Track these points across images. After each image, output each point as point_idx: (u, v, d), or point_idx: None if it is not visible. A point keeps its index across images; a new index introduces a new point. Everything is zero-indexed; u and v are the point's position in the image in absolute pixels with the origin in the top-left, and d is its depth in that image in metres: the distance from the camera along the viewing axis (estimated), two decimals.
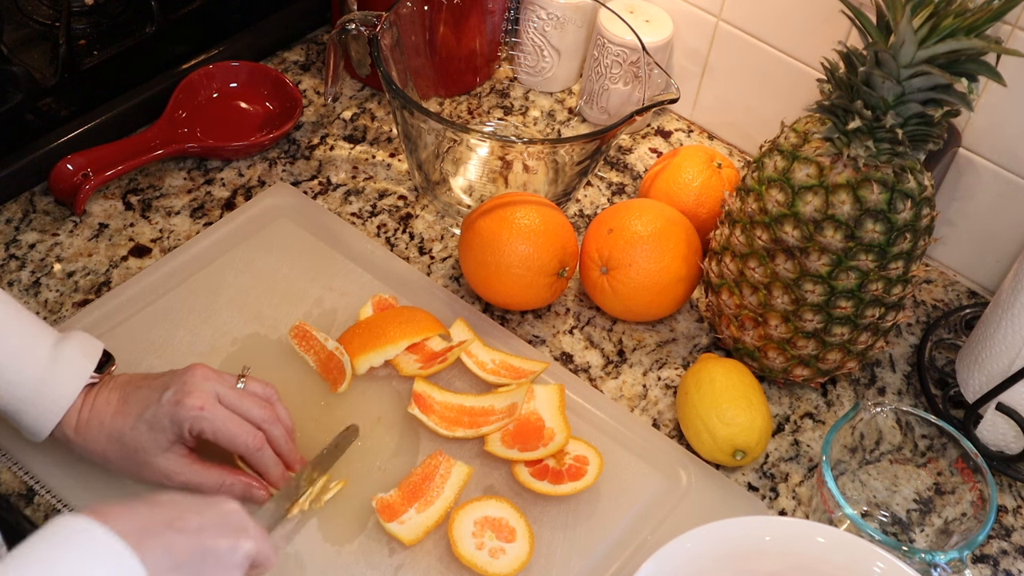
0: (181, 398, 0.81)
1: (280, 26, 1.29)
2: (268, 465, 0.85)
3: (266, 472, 0.85)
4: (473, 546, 0.85)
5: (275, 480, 0.86)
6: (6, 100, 1.07)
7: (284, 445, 0.86)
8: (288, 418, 0.88)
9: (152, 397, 0.82)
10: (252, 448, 0.83)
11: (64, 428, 0.82)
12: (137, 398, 0.83)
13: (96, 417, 0.82)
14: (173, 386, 0.82)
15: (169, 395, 0.82)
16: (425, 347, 0.98)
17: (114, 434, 0.82)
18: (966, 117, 1.07)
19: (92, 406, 0.83)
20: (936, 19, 0.81)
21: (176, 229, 1.09)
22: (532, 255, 0.99)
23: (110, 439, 0.82)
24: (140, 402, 0.82)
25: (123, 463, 0.83)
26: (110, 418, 0.82)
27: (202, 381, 0.83)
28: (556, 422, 0.93)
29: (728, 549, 0.80)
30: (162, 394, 0.82)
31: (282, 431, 0.86)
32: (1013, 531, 0.96)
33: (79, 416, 0.82)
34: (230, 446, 0.83)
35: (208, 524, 0.68)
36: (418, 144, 1.08)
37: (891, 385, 1.06)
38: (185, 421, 0.81)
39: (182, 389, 0.82)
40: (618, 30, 1.15)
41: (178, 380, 0.83)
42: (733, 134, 1.27)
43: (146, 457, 0.82)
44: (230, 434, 0.82)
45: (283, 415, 0.87)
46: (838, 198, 0.88)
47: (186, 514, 0.68)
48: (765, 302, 0.95)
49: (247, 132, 1.18)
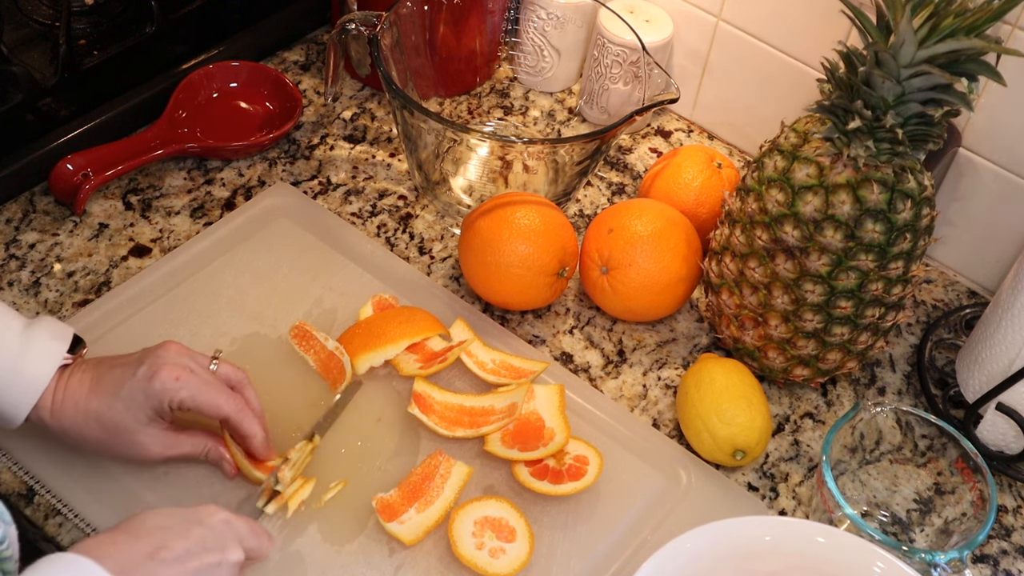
0: (155, 371, 0.81)
1: (280, 26, 1.29)
2: (253, 428, 0.85)
3: (251, 436, 0.85)
4: (473, 546, 0.85)
5: (259, 445, 0.86)
6: (6, 100, 1.07)
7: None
8: (258, 403, 0.88)
9: (126, 374, 0.82)
10: (235, 409, 0.83)
11: (39, 411, 0.82)
12: (111, 377, 0.83)
13: (71, 398, 0.82)
14: (147, 361, 0.82)
15: (143, 370, 0.82)
16: (425, 347, 0.98)
17: (91, 414, 0.82)
18: (966, 117, 1.07)
19: (66, 388, 0.82)
20: (936, 19, 0.81)
21: (176, 229, 1.09)
22: (532, 255, 0.99)
23: (87, 419, 0.82)
24: (115, 380, 0.82)
25: (102, 442, 0.83)
26: (85, 398, 0.82)
27: (175, 356, 0.83)
28: (556, 422, 0.93)
29: (728, 549, 0.80)
30: (136, 370, 0.82)
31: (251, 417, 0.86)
32: (1013, 531, 0.96)
33: (53, 398, 0.82)
34: (212, 410, 0.83)
35: (194, 546, 0.71)
36: (418, 144, 1.08)
37: (891, 385, 1.06)
38: (163, 394, 0.81)
39: (155, 363, 0.82)
40: (618, 30, 1.15)
41: (151, 355, 0.83)
42: (733, 134, 1.27)
43: (126, 435, 0.82)
44: (211, 398, 0.82)
45: (252, 399, 0.87)
46: (838, 198, 0.88)
47: (170, 541, 0.70)
48: (765, 302, 0.95)
49: (247, 132, 1.18)
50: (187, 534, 0.71)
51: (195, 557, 0.70)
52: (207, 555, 0.71)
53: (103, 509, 0.86)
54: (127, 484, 0.87)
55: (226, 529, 0.74)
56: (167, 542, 0.70)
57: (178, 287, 1.02)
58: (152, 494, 0.87)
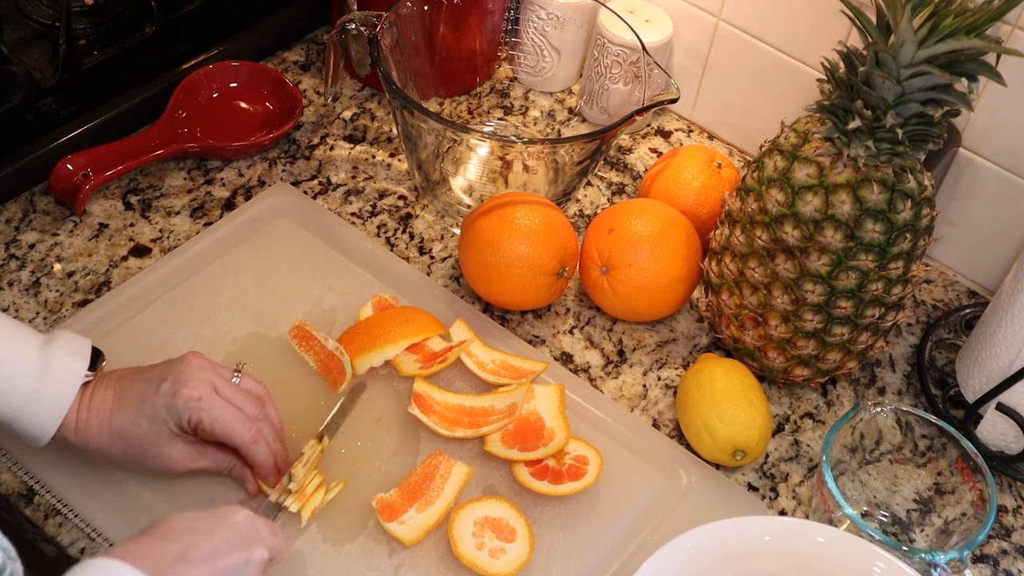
0: (178, 389, 0.81)
1: (280, 26, 1.29)
2: (263, 458, 0.85)
3: (260, 465, 0.85)
4: (473, 546, 0.85)
5: (267, 474, 0.86)
6: (6, 100, 1.07)
7: (273, 445, 0.86)
8: (278, 419, 0.88)
9: (149, 389, 0.82)
10: (248, 440, 0.83)
11: (63, 431, 0.82)
12: (133, 392, 0.82)
13: (95, 416, 0.82)
14: (170, 376, 0.82)
15: (167, 386, 0.81)
16: (425, 347, 0.98)
17: (116, 431, 0.82)
18: (966, 117, 1.07)
19: (89, 406, 0.82)
20: (936, 19, 0.81)
21: (176, 229, 1.09)
22: (532, 255, 0.99)
23: (112, 436, 0.82)
24: (137, 395, 0.82)
25: (127, 458, 0.83)
26: (108, 415, 0.82)
27: (198, 371, 0.83)
28: (556, 422, 0.93)
29: (728, 549, 0.80)
30: (159, 385, 0.82)
31: (271, 431, 0.86)
32: (1013, 531, 0.96)
33: (77, 417, 0.82)
34: (226, 437, 0.83)
35: (220, 545, 0.71)
36: (418, 144, 1.08)
37: (891, 385, 1.06)
38: (183, 411, 0.81)
39: (179, 379, 0.82)
40: (618, 30, 1.15)
41: (174, 370, 0.83)
42: (733, 134, 1.27)
43: (152, 449, 0.82)
44: (227, 425, 0.82)
45: (273, 416, 0.87)
46: (838, 198, 0.88)
47: (198, 542, 0.70)
48: (765, 302, 0.95)
49: (247, 132, 1.18)
50: (213, 534, 0.72)
51: (222, 556, 0.71)
52: (233, 554, 0.71)
53: (103, 509, 0.86)
54: (127, 484, 0.87)
55: (250, 528, 0.74)
56: (195, 542, 0.70)
57: (178, 287, 1.02)
58: (152, 494, 0.87)
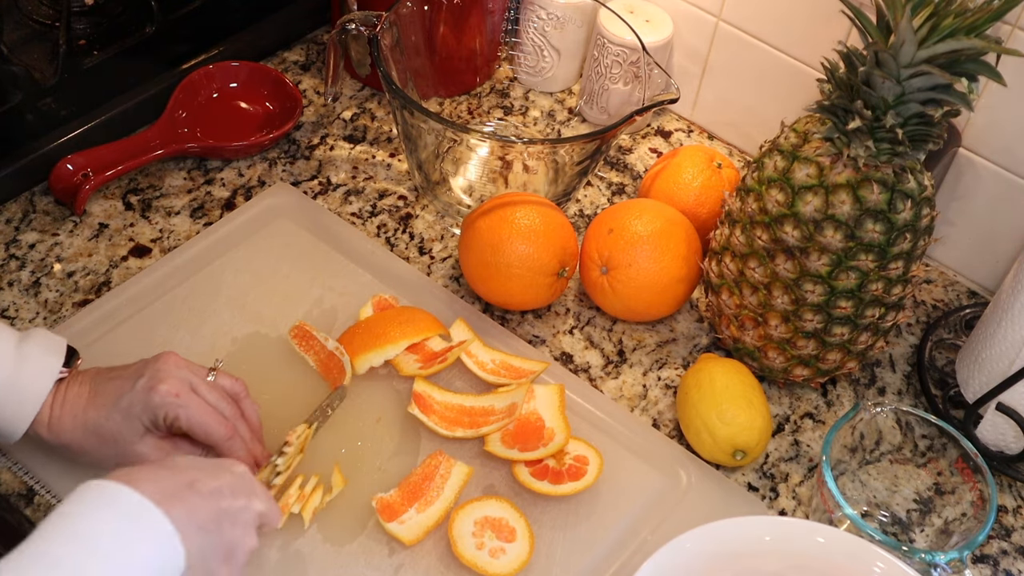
0: (155, 384, 0.81)
1: (280, 26, 1.29)
2: (240, 455, 0.84)
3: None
4: (473, 546, 0.85)
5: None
6: (6, 100, 1.07)
7: (250, 443, 0.86)
8: (255, 415, 0.88)
9: (125, 386, 0.82)
10: (223, 438, 0.83)
11: (36, 427, 0.82)
12: (109, 388, 0.83)
13: (69, 411, 0.82)
14: (147, 373, 0.82)
15: (143, 382, 0.82)
16: (425, 347, 0.98)
17: (89, 426, 0.82)
18: (966, 117, 1.07)
19: (63, 402, 0.83)
20: (936, 19, 0.81)
21: (176, 229, 1.09)
22: (532, 255, 0.99)
23: (86, 431, 0.82)
24: (113, 391, 0.82)
25: (100, 453, 0.83)
26: (83, 410, 0.82)
27: (175, 369, 0.83)
28: (556, 422, 0.93)
29: (728, 549, 0.80)
30: (136, 381, 0.82)
31: (246, 429, 0.86)
32: (1013, 531, 0.96)
33: (51, 413, 0.82)
34: (202, 435, 0.83)
35: (223, 486, 0.72)
36: (418, 144, 1.08)
37: (891, 385, 1.06)
38: (159, 408, 0.81)
39: (156, 376, 0.82)
40: (618, 30, 1.15)
41: (151, 367, 0.83)
42: (733, 134, 1.27)
43: (124, 446, 0.82)
44: (203, 422, 0.82)
45: (250, 412, 0.87)
46: (838, 198, 0.88)
47: (203, 478, 0.72)
48: (765, 302, 0.95)
49: (247, 132, 1.18)
50: (218, 476, 0.73)
51: (225, 497, 0.72)
52: (234, 499, 0.73)
53: None
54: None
55: (250, 480, 0.76)
56: (201, 478, 0.72)
57: (178, 287, 1.02)
58: None
